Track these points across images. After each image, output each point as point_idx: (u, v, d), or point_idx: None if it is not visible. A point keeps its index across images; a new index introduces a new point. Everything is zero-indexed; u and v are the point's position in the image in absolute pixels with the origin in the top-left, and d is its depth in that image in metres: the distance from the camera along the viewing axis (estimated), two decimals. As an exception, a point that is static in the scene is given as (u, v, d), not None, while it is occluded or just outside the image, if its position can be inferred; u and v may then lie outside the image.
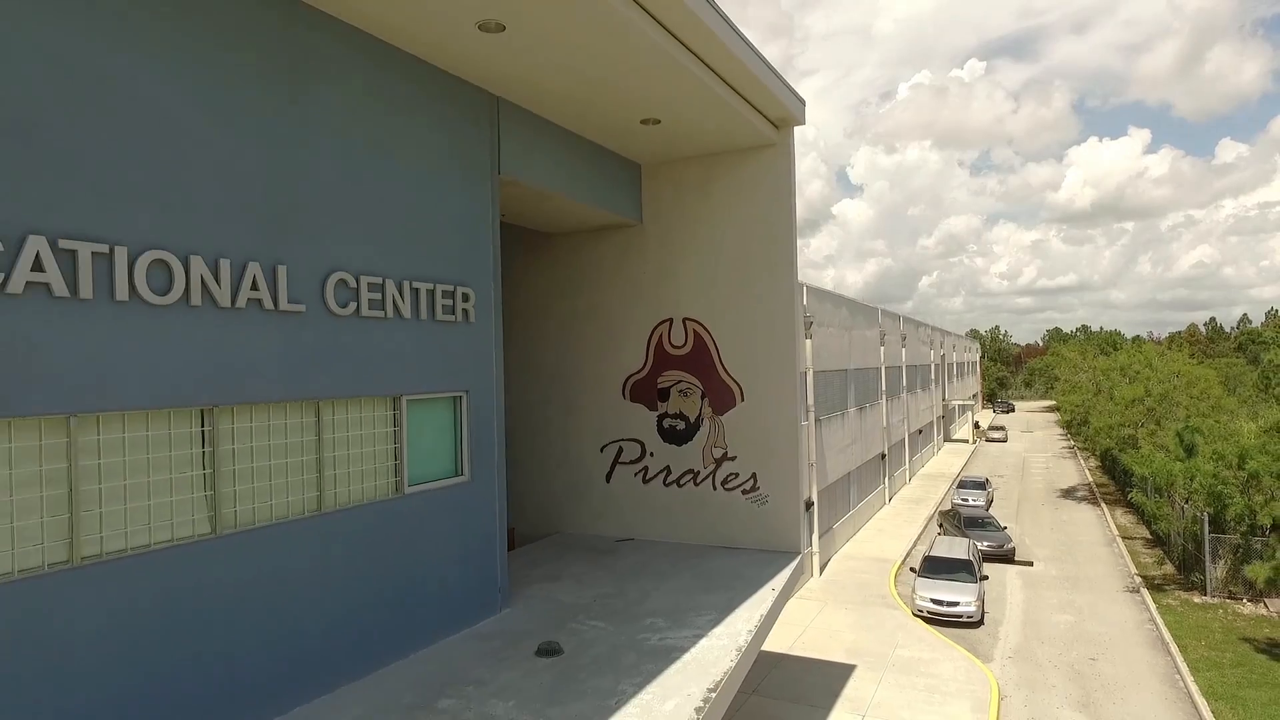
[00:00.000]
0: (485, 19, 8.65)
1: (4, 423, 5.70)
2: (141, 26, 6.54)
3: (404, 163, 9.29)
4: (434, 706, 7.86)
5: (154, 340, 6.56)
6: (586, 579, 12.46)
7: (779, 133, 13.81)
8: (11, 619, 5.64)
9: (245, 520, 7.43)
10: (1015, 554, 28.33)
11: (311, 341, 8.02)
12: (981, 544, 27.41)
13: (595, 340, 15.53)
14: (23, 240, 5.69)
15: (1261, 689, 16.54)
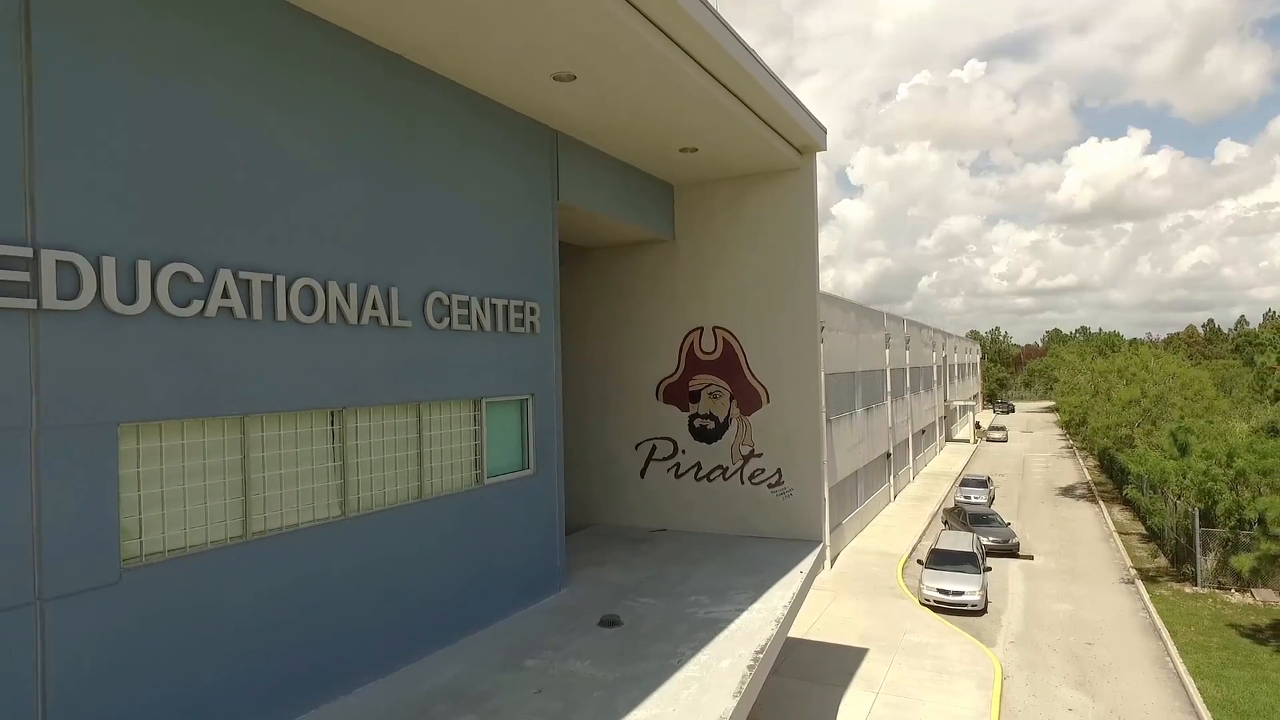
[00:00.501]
0: (560, 71, 9.95)
1: (198, 422, 7.00)
2: (290, 90, 7.83)
3: (483, 192, 10.59)
4: (521, 665, 9.15)
5: (303, 352, 7.86)
6: (630, 564, 13.76)
7: (803, 157, 15.11)
8: (201, 584, 6.93)
9: (366, 506, 8.74)
10: (1020, 549, 29.63)
11: (415, 352, 9.32)
12: (987, 539, 28.71)
13: (630, 347, 16.82)
14: (215, 273, 6.99)
15: (1244, 669, 17.86)
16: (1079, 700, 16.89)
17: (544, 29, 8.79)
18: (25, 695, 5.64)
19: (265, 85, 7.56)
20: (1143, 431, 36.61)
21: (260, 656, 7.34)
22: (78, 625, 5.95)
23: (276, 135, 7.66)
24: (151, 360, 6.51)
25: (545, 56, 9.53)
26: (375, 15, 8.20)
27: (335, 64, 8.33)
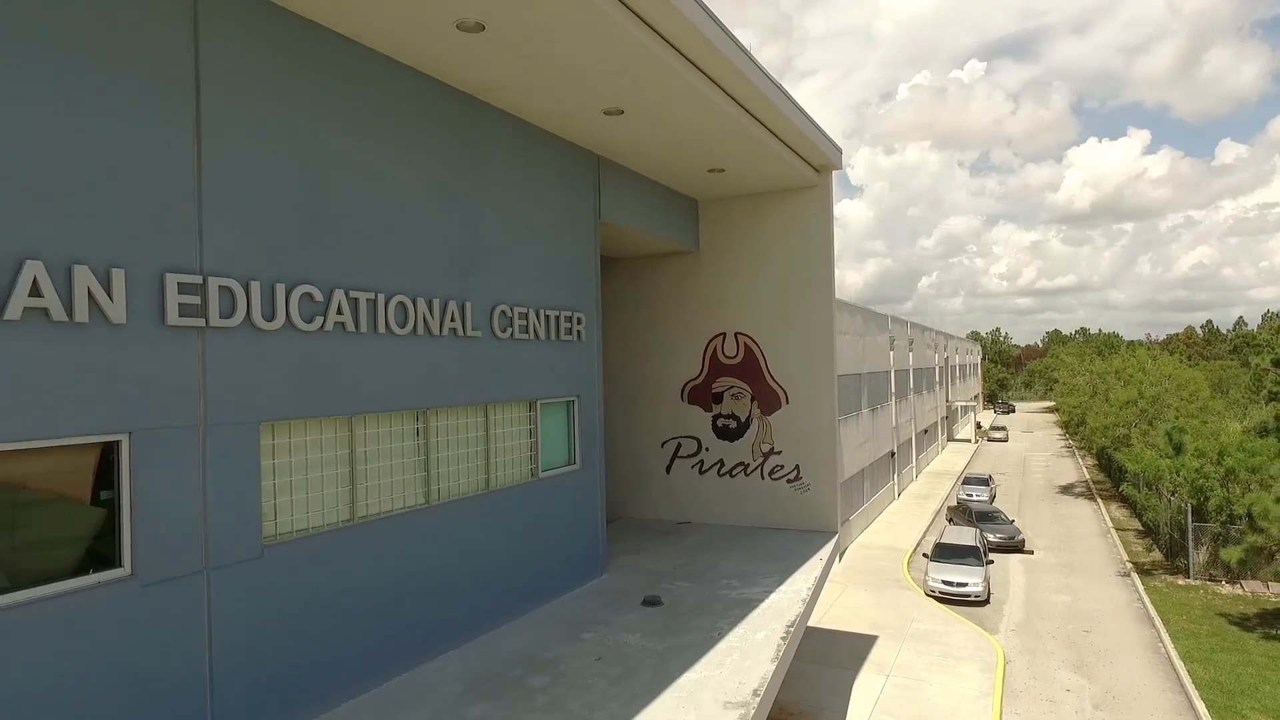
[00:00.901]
0: (611, 107, 11.11)
1: (316, 421, 8.15)
2: (390, 134, 8.99)
3: (538, 214, 11.74)
4: (579, 637, 10.31)
5: (396, 360, 9.01)
6: (661, 552, 14.92)
7: (819, 176, 16.26)
8: (320, 560, 8.08)
9: (445, 495, 9.90)
10: (1025, 545, 30.74)
11: (484, 359, 10.48)
12: (993, 536, 29.87)
13: (656, 351, 17.97)
14: (331, 293, 8.15)
15: (1231, 654, 19.01)
16: (1076, 682, 18.05)
17: (601, 73, 9.94)
18: (200, 639, 6.81)
19: (373, 132, 8.73)
20: (1139, 431, 37.76)
21: (365, 621, 8.50)
22: (232, 590, 7.11)
23: (381, 174, 8.82)
24: (284, 368, 7.66)
25: (600, 96, 10.69)
26: (459, 63, 9.35)
27: (424, 107, 9.49)
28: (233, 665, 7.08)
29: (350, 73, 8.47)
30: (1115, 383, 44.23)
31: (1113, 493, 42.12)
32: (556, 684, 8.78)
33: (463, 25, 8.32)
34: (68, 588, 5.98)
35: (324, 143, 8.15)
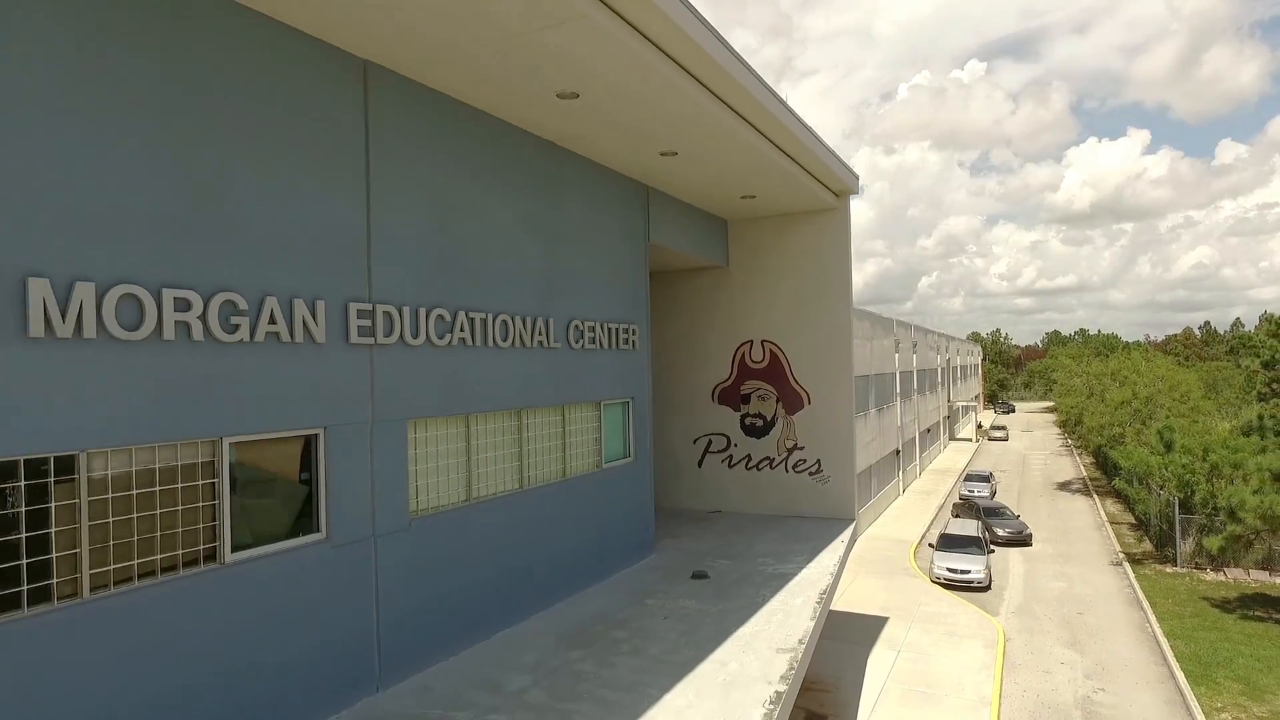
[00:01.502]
0: (667, 149, 12.94)
1: (445, 419, 10.00)
2: (500, 183, 10.83)
3: (601, 239, 13.58)
4: (644, 603, 12.14)
5: (500, 368, 10.85)
6: (699, 536, 16.75)
7: (839, 200, 18.09)
8: (447, 531, 9.91)
9: (533, 481, 11.74)
10: (1031, 539, 32.46)
11: (562, 366, 12.32)
12: (1001, 531, 31.70)
13: (688, 357, 19.80)
14: (456, 314, 9.99)
15: (1211, 632, 20.85)
16: (1070, 656, 19.89)
17: (665, 126, 11.78)
18: (370, 586, 8.66)
19: (485, 180, 10.58)
20: (1133, 430, 39.59)
21: (479, 583, 10.35)
22: (390, 552, 8.95)
23: (490, 215, 10.68)
24: (424, 375, 9.51)
25: (660, 142, 12.53)
26: (552, 121, 11.20)
27: (520, 156, 11.34)
28: (391, 606, 8.93)
29: (470, 132, 10.31)
30: (1111, 384, 46.10)
31: (1108, 489, 43.94)
32: (634, 636, 10.63)
33: (562, 94, 10.18)
34: (287, 546, 7.83)
35: (450, 192, 9.99)
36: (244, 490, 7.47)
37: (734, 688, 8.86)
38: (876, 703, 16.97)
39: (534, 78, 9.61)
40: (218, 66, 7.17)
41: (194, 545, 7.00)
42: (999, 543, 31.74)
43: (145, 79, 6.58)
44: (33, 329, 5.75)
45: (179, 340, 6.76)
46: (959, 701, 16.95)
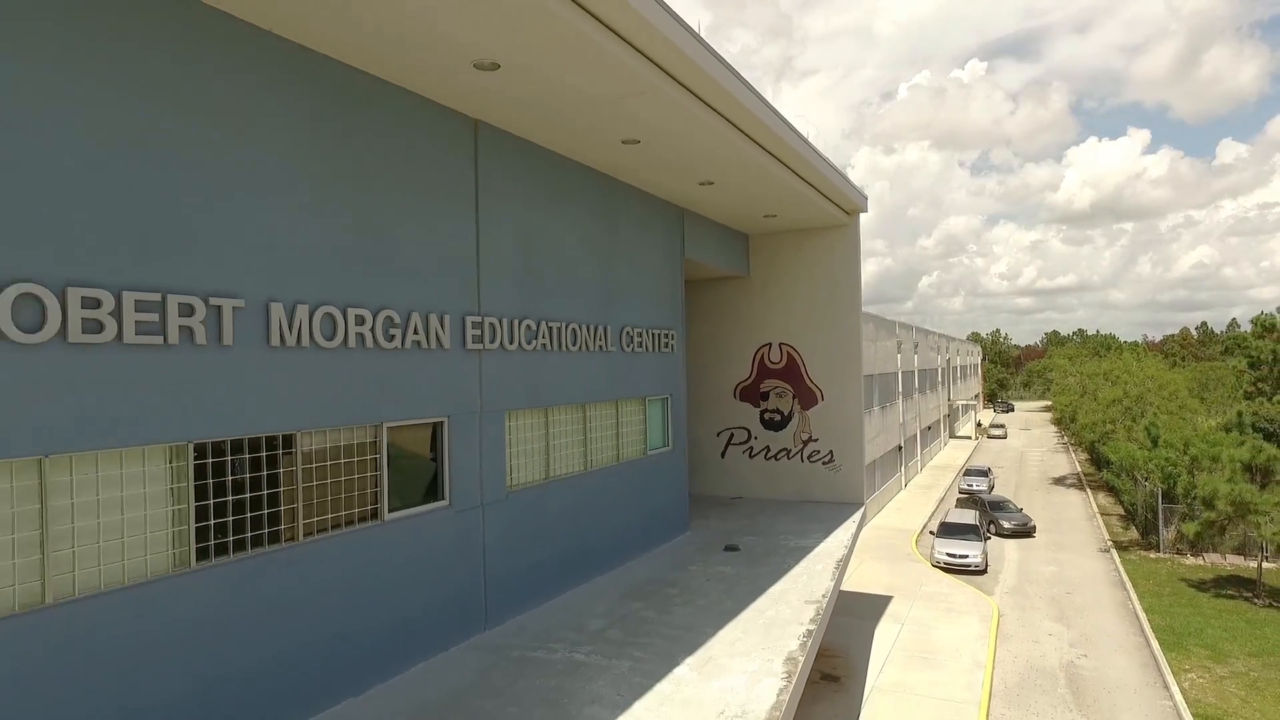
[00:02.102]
0: (705, 179, 15.01)
1: (530, 411, 12.07)
2: (570, 214, 12.90)
3: (647, 256, 15.65)
4: (686, 569, 14.21)
5: (570, 369, 12.92)
6: (726, 517, 18.82)
7: (849, 217, 20.14)
8: (535, 502, 11.98)
9: (595, 464, 13.81)
10: (1035, 531, 34.31)
11: (616, 367, 14.39)
12: (1006, 523, 33.52)
13: (713, 358, 21.86)
14: (539, 323, 12.06)
15: (1186, 608, 22.93)
16: (1057, 629, 21.97)
17: (710, 164, 13.85)
18: (479, 543, 10.74)
19: (559, 211, 12.67)
20: (1123, 427, 41.63)
21: (557, 547, 12.42)
22: (494, 517, 11.02)
23: (562, 241, 12.77)
24: (516, 374, 11.58)
25: (701, 173, 14.60)
26: (615, 160, 13.28)
27: (586, 189, 13.43)
28: (495, 560, 11.01)
29: (547, 171, 12.39)
30: (1103, 383, 48.17)
31: (1101, 483, 46.01)
32: (684, 593, 12.70)
33: (626, 141, 12.25)
34: (420, 512, 9.90)
35: (531, 221, 12.07)
36: (395, 465, 9.54)
37: (772, 627, 10.94)
38: (883, 666, 19.03)
39: (608, 130, 11.70)
40: (384, 142, 9.25)
41: (364, 506, 9.08)
42: (1004, 535, 33.57)
43: (342, 155, 8.67)
44: (272, 340, 7.83)
45: (356, 348, 8.84)
46: (956, 666, 19.02)
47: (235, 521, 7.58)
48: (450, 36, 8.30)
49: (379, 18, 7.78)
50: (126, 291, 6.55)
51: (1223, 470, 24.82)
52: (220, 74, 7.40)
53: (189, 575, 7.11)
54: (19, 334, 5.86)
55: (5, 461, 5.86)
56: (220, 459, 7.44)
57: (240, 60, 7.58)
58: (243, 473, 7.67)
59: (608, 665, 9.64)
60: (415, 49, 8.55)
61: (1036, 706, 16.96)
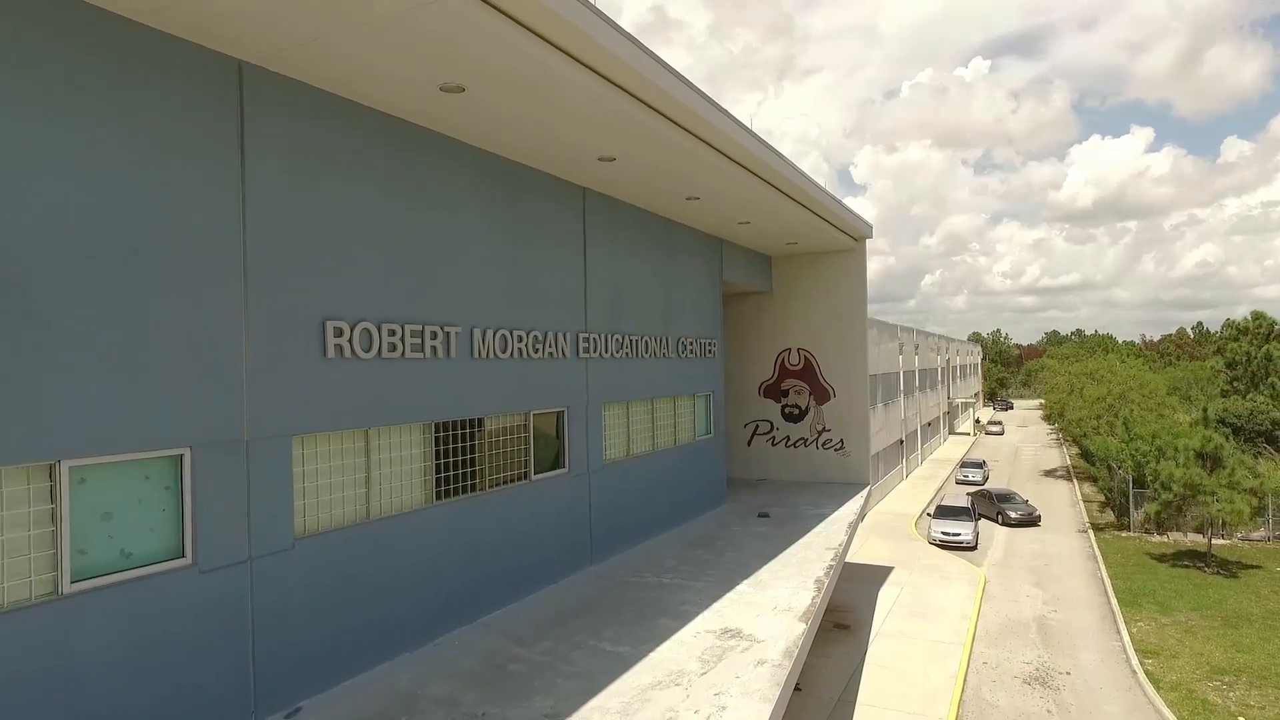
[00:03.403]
0: (743, 219, 18.82)
1: (616, 404, 15.88)
2: (641, 247, 16.72)
3: (695, 280, 19.45)
4: (731, 528, 18.01)
5: (643, 371, 16.75)
6: (755, 493, 22.62)
7: (856, 243, 23.93)
8: (620, 475, 15.79)
9: (660, 446, 17.64)
10: (1040, 521, 37.17)
11: (673, 370, 18.21)
12: (1013, 513, 36.28)
13: (740, 361, 25.64)
14: (624, 336, 15.88)
15: (1145, 575, 26.69)
16: (1034, 591, 25.76)
17: (743, 208, 17.66)
18: (586, 502, 14.58)
19: (636, 251, 16.51)
20: (1105, 423, 45.36)
21: (634, 510, 16.25)
22: (596, 482, 14.84)
23: (637, 273, 16.61)
24: (609, 377, 15.40)
25: (742, 214, 18.41)
26: (677, 209, 17.11)
27: (655, 233, 17.25)
28: (597, 514, 14.83)
29: (628, 219, 16.20)
30: (1089, 382, 51.91)
31: (1087, 475, 49.72)
32: (732, 544, 16.50)
33: (689, 198, 16.08)
34: (550, 475, 13.72)
35: (619, 261, 15.88)
36: (536, 441, 13.37)
37: (804, 564, 14.75)
38: (886, 618, 22.83)
39: (679, 191, 15.54)
40: (532, 211, 13.08)
41: (516, 469, 12.91)
42: (1011, 524, 36.20)
43: (509, 225, 12.51)
44: (475, 354, 11.66)
45: (517, 359, 12.66)
46: (946, 618, 22.82)
47: (455, 475, 11.42)
48: (585, 143, 12.12)
49: (544, 133, 11.59)
50: (408, 324, 10.38)
51: (1178, 458, 28.52)
52: (445, 176, 11.23)
53: (432, 509, 10.94)
54: (361, 352, 9.68)
55: (350, 431, 9.68)
56: (447, 434, 11.28)
57: (456, 167, 11.41)
58: (458, 443, 11.51)
59: (686, 585, 13.46)
60: (564, 150, 12.38)
61: (1010, 646, 20.77)
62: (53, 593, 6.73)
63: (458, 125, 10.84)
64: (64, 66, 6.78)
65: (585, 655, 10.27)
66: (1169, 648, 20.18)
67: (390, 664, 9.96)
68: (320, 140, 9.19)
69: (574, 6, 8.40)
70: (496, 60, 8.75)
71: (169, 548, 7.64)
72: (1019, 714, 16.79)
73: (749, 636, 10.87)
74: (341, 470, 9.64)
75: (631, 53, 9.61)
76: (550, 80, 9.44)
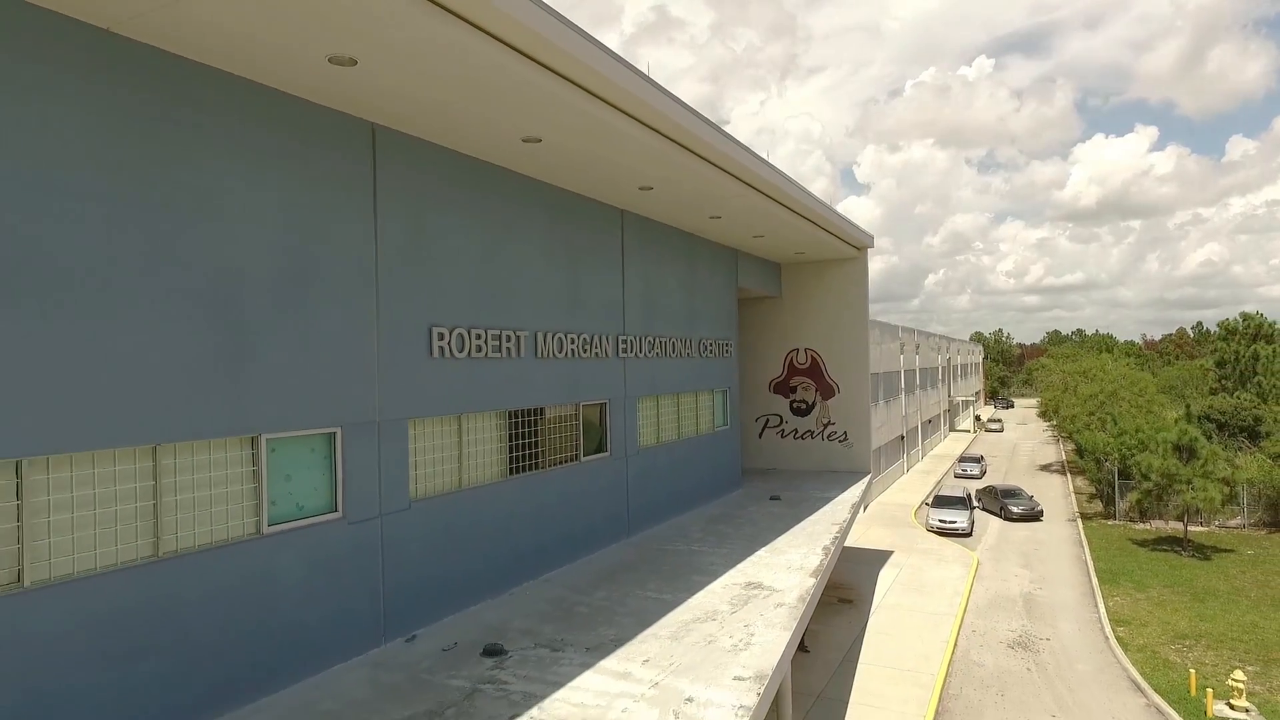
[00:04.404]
0: (758, 233, 21.08)
1: (648, 398, 18.16)
2: (669, 261, 18.98)
3: (713, 287, 21.71)
4: (747, 509, 20.27)
5: (671, 369, 19.02)
6: (766, 480, 24.88)
7: (859, 252, 26.18)
8: (650, 458, 18.06)
9: (684, 435, 19.91)
10: (1042, 515, 38.41)
11: (695, 368, 20.48)
12: (1016, 508, 37.76)
13: (752, 360, 27.89)
14: (655, 338, 18.16)
15: (1125, 557, 28.90)
16: (1022, 572, 27.98)
17: (760, 224, 19.92)
18: (624, 481, 16.87)
19: (665, 264, 18.77)
20: (1097, 420, 47.56)
21: (666, 486, 18.53)
22: (634, 464, 17.12)
23: (666, 283, 18.89)
24: (642, 374, 17.68)
25: (755, 230, 20.68)
26: (702, 225, 19.38)
27: (679, 247, 19.52)
28: (633, 492, 17.11)
29: (658, 236, 18.47)
30: (1082, 380, 54.09)
31: (1080, 469, 51.88)
32: (749, 521, 18.76)
33: (713, 217, 18.35)
34: (595, 458, 15.99)
35: (650, 272, 18.15)
36: (585, 429, 15.64)
37: (812, 535, 17.02)
38: (885, 594, 25.08)
39: (705, 211, 17.81)
40: (581, 229, 15.36)
41: (569, 451, 15.18)
42: (1013, 519, 37.36)
43: (563, 244, 14.79)
44: (538, 354, 13.94)
45: (569, 358, 14.94)
46: (941, 594, 25.06)
47: (522, 455, 13.70)
48: (630, 177, 14.40)
49: (598, 171, 13.87)
50: (489, 329, 12.67)
51: (1158, 450, 30.70)
52: (516, 208, 13.52)
53: (506, 482, 13.22)
54: (456, 353, 11.97)
55: (448, 416, 11.97)
56: (516, 420, 13.57)
57: (525, 200, 13.70)
58: (525, 428, 13.80)
59: (713, 551, 15.73)
60: (611, 182, 14.67)
61: (997, 617, 23.02)
62: (256, 533, 9.02)
63: (530, 166, 13.13)
64: (271, 144, 9.07)
65: (635, 600, 12.56)
66: (1140, 618, 22.41)
67: (478, 606, 12.25)
68: (426, 183, 11.47)
69: (634, 79, 10.67)
70: (569, 119, 11.02)
71: (327, 504, 9.93)
72: (1002, 671, 19.02)
73: (769, 587, 13.14)
74: (441, 449, 11.93)
75: (677, 110, 11.89)
76: (610, 133, 11.71)
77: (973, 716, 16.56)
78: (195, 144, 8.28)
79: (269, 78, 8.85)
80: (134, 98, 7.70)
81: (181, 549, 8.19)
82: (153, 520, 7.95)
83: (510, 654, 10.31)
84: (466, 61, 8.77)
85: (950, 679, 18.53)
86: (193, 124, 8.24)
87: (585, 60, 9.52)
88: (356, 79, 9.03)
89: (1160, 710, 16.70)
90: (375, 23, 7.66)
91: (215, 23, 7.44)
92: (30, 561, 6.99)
